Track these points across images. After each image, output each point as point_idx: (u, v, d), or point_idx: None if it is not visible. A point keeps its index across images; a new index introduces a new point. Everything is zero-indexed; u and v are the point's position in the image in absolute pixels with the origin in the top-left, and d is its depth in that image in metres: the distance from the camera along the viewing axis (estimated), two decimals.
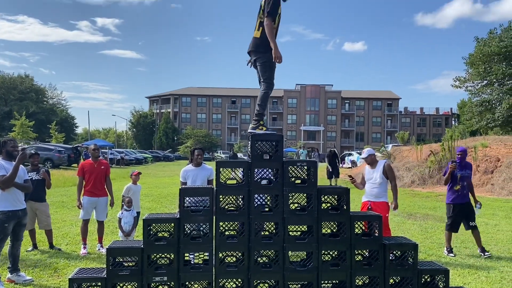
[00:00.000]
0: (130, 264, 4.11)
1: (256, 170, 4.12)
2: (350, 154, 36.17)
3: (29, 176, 6.85)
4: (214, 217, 4.07)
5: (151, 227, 4.09)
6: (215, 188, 4.11)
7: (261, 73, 4.46)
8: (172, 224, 4.03)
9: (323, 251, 4.29)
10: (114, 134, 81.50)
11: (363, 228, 4.54)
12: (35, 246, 7.08)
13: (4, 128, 50.90)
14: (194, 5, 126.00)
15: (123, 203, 6.73)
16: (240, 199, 4.20)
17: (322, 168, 31.20)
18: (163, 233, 4.18)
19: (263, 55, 4.34)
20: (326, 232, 4.32)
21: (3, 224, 5.12)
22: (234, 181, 4.25)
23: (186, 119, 78.95)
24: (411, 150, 22.37)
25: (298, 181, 4.22)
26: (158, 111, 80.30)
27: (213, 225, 4.06)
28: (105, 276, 3.94)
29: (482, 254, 6.90)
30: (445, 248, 7.15)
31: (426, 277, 4.29)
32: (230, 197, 4.27)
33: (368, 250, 4.37)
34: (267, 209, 4.23)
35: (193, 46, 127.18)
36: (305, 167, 4.22)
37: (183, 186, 5.54)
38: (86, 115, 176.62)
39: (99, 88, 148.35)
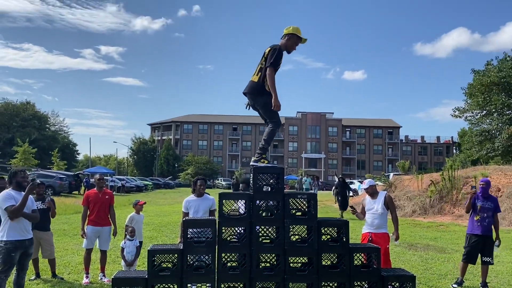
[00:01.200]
0: None
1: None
2: (351, 183, 36.21)
3: None
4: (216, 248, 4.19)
5: (155, 258, 4.21)
6: (217, 220, 4.24)
7: (265, 115, 4.67)
8: (175, 255, 4.15)
9: (324, 283, 4.39)
10: (115, 161, 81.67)
11: (363, 260, 4.64)
12: (38, 275, 7.13)
13: (6, 154, 51.12)
14: (197, 34, 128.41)
15: (126, 233, 6.82)
16: (241, 230, 4.32)
17: (324, 196, 31.20)
18: (166, 263, 4.29)
19: (261, 97, 4.57)
20: (326, 264, 4.43)
21: (10, 253, 5.21)
22: (237, 213, 4.38)
23: (187, 146, 79.31)
24: (412, 179, 22.45)
25: (299, 213, 4.36)
26: (159, 138, 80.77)
27: (215, 256, 4.18)
28: None
29: None
30: (456, 279, 7.14)
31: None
32: (232, 228, 4.40)
33: (367, 282, 4.46)
34: (268, 241, 4.35)
35: (195, 74, 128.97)
36: (306, 199, 4.36)
37: (186, 217, 5.66)
38: (88, 142, 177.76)
39: (101, 115, 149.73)
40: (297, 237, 4.50)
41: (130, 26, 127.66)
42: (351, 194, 24.24)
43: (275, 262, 4.36)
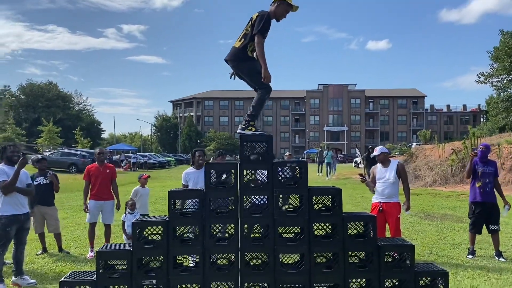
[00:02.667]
0: (122, 267, 4.11)
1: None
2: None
3: (36, 181, 7.03)
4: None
5: (144, 231, 4.09)
6: (204, 191, 4.07)
7: (253, 82, 4.35)
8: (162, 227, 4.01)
9: (318, 253, 4.20)
10: (140, 139, 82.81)
11: (359, 229, 4.40)
12: (44, 250, 7.21)
13: (33, 134, 52.34)
14: (216, 9, 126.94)
15: (126, 206, 6.78)
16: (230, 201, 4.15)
17: (346, 168, 30.78)
18: (155, 236, 4.17)
19: (244, 64, 4.27)
20: (320, 234, 4.23)
21: (5, 228, 5.22)
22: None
23: (208, 122, 79.53)
24: (434, 148, 21.83)
25: (289, 183, 4.14)
26: (181, 115, 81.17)
27: (202, 228, 4.03)
28: (95, 279, 3.96)
29: (497, 258, 6.60)
30: (468, 250, 6.88)
31: (425, 279, 4.13)
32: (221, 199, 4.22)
33: (365, 253, 4.24)
34: (258, 212, 4.16)
35: (216, 49, 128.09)
36: (295, 167, 4.13)
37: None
38: (114, 121, 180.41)
39: (126, 93, 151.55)
40: (287, 207, 4.29)
41: (150, 4, 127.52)
42: None
43: (264, 233, 4.18)
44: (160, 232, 4.04)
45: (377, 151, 6.58)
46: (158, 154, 54.52)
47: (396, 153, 25.25)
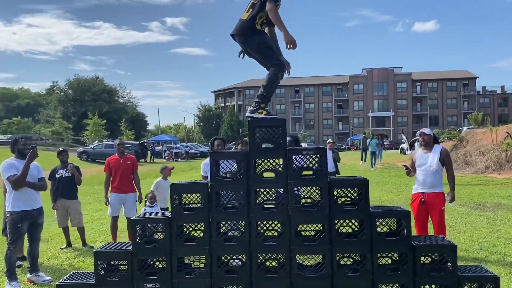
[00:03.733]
0: (124, 268, 3.76)
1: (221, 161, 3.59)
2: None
3: (58, 174, 6.86)
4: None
5: (146, 227, 3.71)
6: (209, 183, 3.61)
7: (263, 59, 3.81)
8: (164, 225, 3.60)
9: (342, 254, 3.66)
10: (184, 129, 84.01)
11: (390, 226, 3.79)
12: (69, 244, 7.06)
13: (80, 127, 54.12)
14: None
15: (146, 199, 6.47)
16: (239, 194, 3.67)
17: (391, 156, 29.44)
18: (158, 234, 3.78)
19: (251, 39, 3.72)
20: (342, 232, 3.68)
21: (16, 224, 5.02)
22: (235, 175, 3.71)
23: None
24: (486, 132, 20.33)
25: (307, 173, 3.60)
26: (223, 104, 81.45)
27: (209, 226, 3.58)
28: (94, 282, 3.62)
29: None
30: None
31: (471, 285, 3.49)
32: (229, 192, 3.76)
33: (397, 254, 3.65)
34: (272, 206, 3.66)
35: None
36: (313, 156, 3.58)
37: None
38: (160, 112, 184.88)
39: (171, 85, 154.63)
40: (306, 200, 3.76)
41: None
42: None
43: (280, 231, 3.68)
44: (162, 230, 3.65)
45: (426, 131, 5.82)
46: (200, 144, 54.96)
47: (445, 138, 23.71)
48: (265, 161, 3.63)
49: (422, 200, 5.63)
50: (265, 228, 3.82)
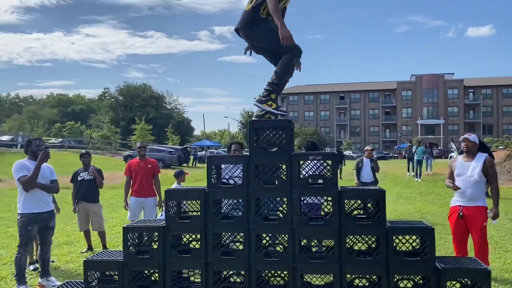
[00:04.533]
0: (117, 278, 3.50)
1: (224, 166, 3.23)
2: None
3: (80, 176, 6.78)
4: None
5: (137, 237, 3.43)
6: (206, 190, 3.29)
7: (274, 46, 3.37)
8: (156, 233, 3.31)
9: (354, 275, 3.22)
10: (228, 135, 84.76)
11: (412, 244, 3.30)
12: (90, 248, 6.96)
13: (129, 131, 55.72)
14: (305, 5, 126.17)
15: (162, 204, 6.25)
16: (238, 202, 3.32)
17: (438, 164, 27.89)
18: (152, 243, 3.49)
19: (256, 28, 3.36)
20: (354, 249, 3.23)
21: (26, 227, 4.91)
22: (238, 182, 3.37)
23: (293, 117, 78.46)
24: None
25: (315, 180, 3.20)
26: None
27: (205, 236, 3.25)
28: None
29: None
30: None
31: None
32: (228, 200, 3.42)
33: (421, 276, 3.16)
34: (276, 217, 3.29)
35: (304, 45, 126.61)
36: (322, 160, 3.17)
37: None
38: (207, 119, 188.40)
39: (218, 92, 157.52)
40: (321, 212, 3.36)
41: (239, 4, 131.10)
42: None
43: (284, 245, 3.29)
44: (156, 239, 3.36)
45: (470, 137, 5.19)
46: None
47: (500, 147, 22.09)
48: (268, 166, 3.26)
49: (461, 214, 5.03)
50: (268, 241, 3.45)
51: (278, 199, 3.48)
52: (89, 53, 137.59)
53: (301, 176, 3.15)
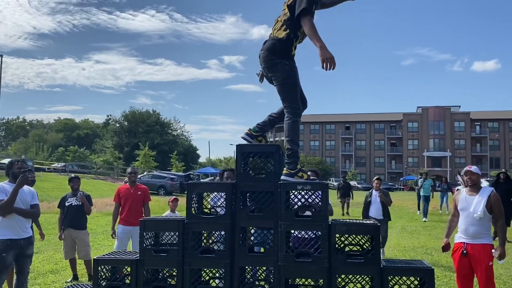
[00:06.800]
0: None
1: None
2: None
3: (68, 202, 6.52)
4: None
5: (110, 271, 3.14)
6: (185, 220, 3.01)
7: (282, 95, 3.25)
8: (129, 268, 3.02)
9: None
10: (235, 163, 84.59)
11: (412, 286, 2.98)
12: (75, 277, 6.62)
13: (133, 157, 55.66)
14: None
15: None
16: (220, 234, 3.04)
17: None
18: (125, 277, 3.20)
19: (280, 66, 3.18)
20: None
21: (0, 254, 4.61)
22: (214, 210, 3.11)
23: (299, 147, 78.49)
24: None
25: (303, 212, 2.92)
26: (273, 139, 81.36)
27: (182, 271, 2.95)
28: None
29: None
30: None
31: None
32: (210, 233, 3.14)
33: None
34: (262, 250, 3.00)
35: (311, 76, 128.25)
36: (311, 192, 2.90)
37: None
38: (213, 146, 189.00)
39: (225, 120, 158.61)
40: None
41: (248, 35, 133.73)
42: None
43: (269, 281, 2.98)
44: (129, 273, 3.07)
45: (464, 169, 4.91)
46: None
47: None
48: (255, 193, 3.00)
49: (464, 252, 4.67)
50: (251, 276, 3.14)
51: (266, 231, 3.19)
52: (98, 79, 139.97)
53: (290, 207, 2.88)
